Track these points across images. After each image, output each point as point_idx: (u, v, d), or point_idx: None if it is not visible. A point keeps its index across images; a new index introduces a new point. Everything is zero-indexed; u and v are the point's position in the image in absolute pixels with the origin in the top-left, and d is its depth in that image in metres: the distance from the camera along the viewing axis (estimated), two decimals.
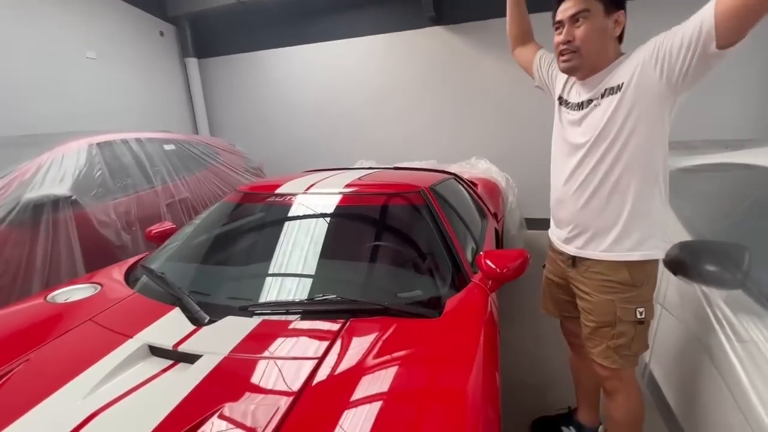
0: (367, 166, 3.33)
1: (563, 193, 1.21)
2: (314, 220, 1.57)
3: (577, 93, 1.18)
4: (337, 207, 1.61)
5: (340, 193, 1.65)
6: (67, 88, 3.64)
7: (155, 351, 1.03)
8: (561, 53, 1.12)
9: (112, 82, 4.12)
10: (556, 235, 1.32)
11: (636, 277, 1.11)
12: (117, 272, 1.57)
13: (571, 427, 1.58)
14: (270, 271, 1.41)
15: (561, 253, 1.29)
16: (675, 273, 1.18)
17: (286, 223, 1.59)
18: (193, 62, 5.17)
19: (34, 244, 1.94)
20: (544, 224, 1.38)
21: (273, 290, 1.32)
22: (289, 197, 1.67)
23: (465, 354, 0.96)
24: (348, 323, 1.09)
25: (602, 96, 1.09)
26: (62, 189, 2.06)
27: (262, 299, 1.26)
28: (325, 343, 1.00)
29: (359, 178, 1.86)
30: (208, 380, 0.90)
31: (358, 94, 4.83)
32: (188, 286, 1.35)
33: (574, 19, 1.07)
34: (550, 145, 1.30)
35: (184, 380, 0.91)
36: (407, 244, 1.56)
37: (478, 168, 3.22)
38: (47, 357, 1.04)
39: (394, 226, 1.62)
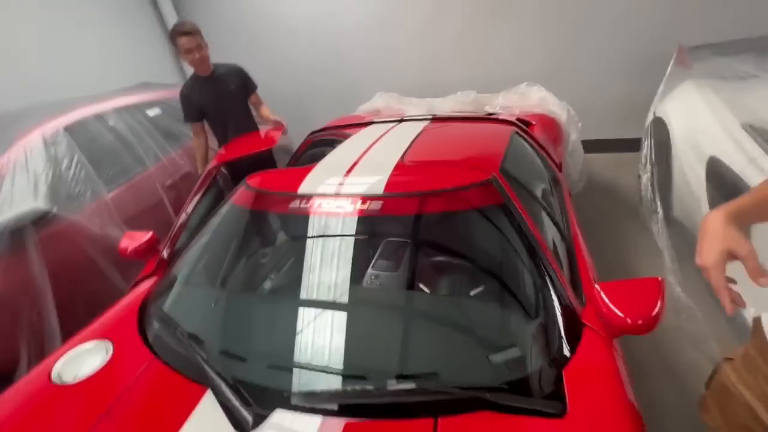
0: (390, 105, 2.78)
1: None
2: (360, 247, 1.17)
3: None
4: (386, 225, 1.21)
5: (388, 196, 1.20)
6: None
7: None
8: None
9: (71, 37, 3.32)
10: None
11: None
12: (128, 319, 1.28)
13: None
14: (310, 331, 1.07)
15: None
16: None
17: (321, 250, 1.20)
18: None
19: (19, 277, 1.62)
20: (601, 146, 0.93)
21: (326, 365, 0.99)
22: (318, 203, 1.25)
23: None
24: (437, 426, 0.79)
25: None
26: (38, 202, 1.68)
27: (315, 383, 0.96)
28: None
29: (408, 150, 1.42)
30: None
31: (365, 5, 3.89)
32: (216, 343, 1.08)
33: None
34: (612, 52, 0.72)
35: None
36: (489, 277, 1.17)
37: (530, 98, 2.55)
38: None
39: (467, 249, 1.21)
